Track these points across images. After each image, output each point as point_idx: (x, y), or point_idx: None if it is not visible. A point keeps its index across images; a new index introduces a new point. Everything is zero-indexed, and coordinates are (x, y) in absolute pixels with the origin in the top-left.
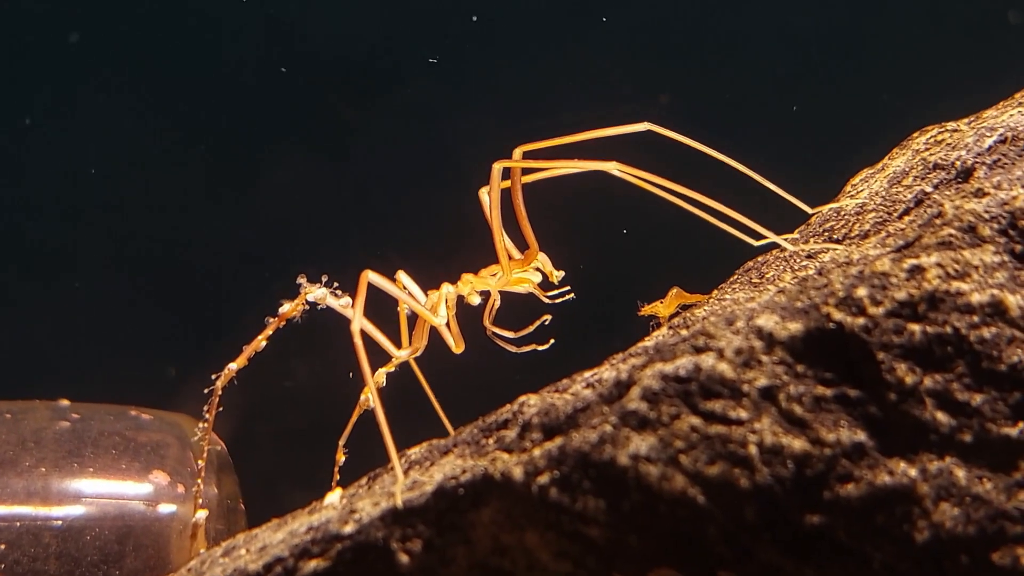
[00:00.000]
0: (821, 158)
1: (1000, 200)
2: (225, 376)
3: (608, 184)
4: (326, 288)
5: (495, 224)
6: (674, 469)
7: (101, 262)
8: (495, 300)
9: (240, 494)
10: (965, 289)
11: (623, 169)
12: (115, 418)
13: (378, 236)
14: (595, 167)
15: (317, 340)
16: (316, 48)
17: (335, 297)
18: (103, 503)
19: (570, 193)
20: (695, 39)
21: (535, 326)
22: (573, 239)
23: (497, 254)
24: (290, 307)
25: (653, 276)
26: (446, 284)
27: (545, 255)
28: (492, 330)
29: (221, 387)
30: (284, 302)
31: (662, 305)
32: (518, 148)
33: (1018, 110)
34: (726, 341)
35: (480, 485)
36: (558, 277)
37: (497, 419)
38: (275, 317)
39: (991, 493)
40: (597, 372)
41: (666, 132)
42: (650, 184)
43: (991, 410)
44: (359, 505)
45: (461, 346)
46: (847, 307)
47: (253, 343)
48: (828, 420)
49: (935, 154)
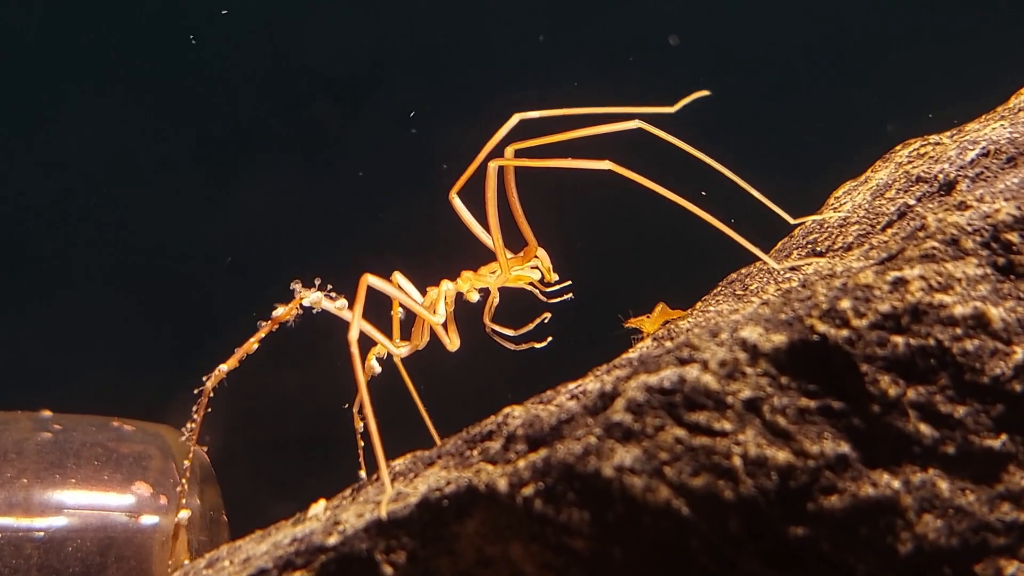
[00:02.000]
0: (804, 170)
1: (983, 213)
2: (215, 377)
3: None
4: (321, 292)
5: (492, 221)
6: (658, 481)
7: (84, 272)
8: (494, 298)
9: (223, 505)
10: (948, 301)
11: (616, 169)
12: (97, 429)
13: (365, 242)
14: (590, 166)
15: (301, 352)
16: (304, 55)
17: (330, 300)
18: (85, 514)
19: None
20: (682, 48)
21: (534, 324)
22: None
23: (495, 251)
24: (284, 311)
25: (639, 283)
26: (445, 281)
27: (545, 252)
28: (491, 327)
29: (211, 388)
30: (278, 305)
31: (648, 320)
32: (509, 147)
33: (1000, 123)
34: (710, 353)
35: (465, 497)
36: (555, 276)
37: (481, 430)
38: (268, 321)
39: (974, 505)
40: (581, 383)
41: (657, 132)
42: (644, 182)
43: (974, 422)
44: (343, 516)
45: (456, 344)
46: (831, 319)
47: (245, 346)
48: (812, 432)
49: (918, 167)
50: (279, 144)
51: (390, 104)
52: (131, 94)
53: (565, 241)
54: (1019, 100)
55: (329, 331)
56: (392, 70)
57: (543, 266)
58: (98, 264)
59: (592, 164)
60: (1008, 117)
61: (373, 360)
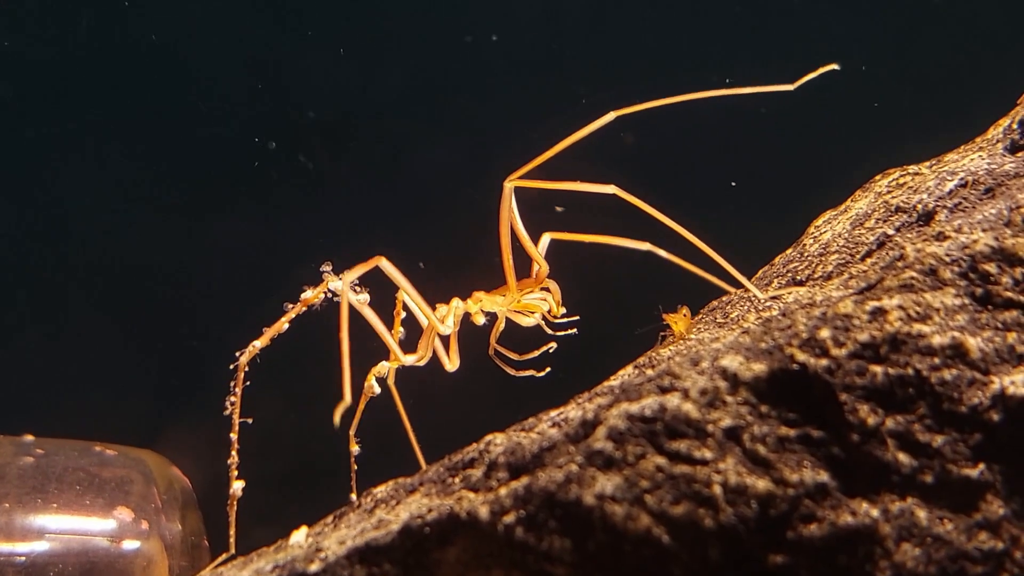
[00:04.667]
0: (784, 199)
1: (961, 244)
2: (249, 353)
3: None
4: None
5: (504, 242)
6: (639, 509)
7: (67, 299)
8: (501, 322)
9: (204, 531)
10: (926, 331)
11: (620, 193)
12: (79, 454)
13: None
14: (595, 189)
15: (284, 378)
16: (293, 93)
17: (354, 292)
18: (67, 539)
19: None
20: (662, 76)
21: (539, 352)
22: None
23: (505, 274)
24: (312, 293)
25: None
26: (456, 299)
27: (556, 284)
28: (496, 348)
29: (245, 363)
30: (307, 288)
31: (680, 319)
32: (507, 180)
33: (978, 154)
34: (691, 381)
35: (446, 524)
36: (562, 310)
37: (463, 458)
38: (297, 303)
39: (952, 534)
40: (563, 411)
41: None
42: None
43: (952, 451)
44: (325, 543)
45: (456, 364)
46: (810, 348)
47: (275, 325)
48: (792, 460)
49: (897, 197)
50: (268, 178)
51: (376, 140)
52: (122, 129)
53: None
54: (997, 131)
55: (311, 358)
56: (378, 107)
57: (553, 298)
58: (82, 290)
59: (598, 188)
60: (986, 148)
61: (372, 380)
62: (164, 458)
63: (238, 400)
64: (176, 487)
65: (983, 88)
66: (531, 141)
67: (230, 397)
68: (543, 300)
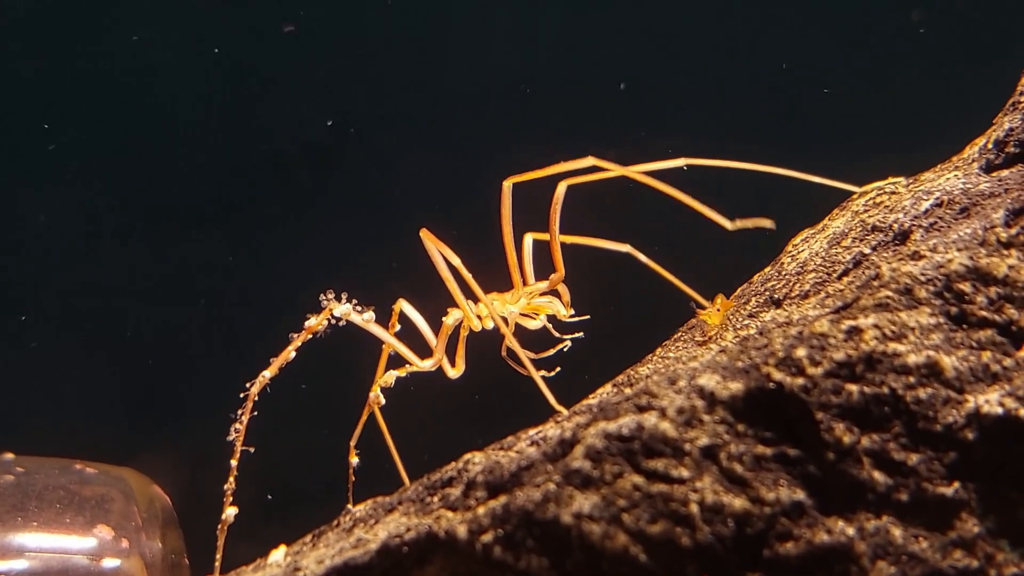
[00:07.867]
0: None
1: (936, 263)
2: (259, 383)
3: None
4: (349, 304)
5: (508, 245)
6: (617, 527)
7: (48, 316)
8: (512, 324)
9: (185, 549)
10: (902, 350)
11: (634, 253)
12: (60, 472)
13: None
14: (611, 247)
15: (264, 398)
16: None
17: (357, 312)
18: (47, 557)
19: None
20: (646, 94)
21: (553, 352)
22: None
23: (511, 275)
24: (315, 321)
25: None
26: (468, 301)
27: (566, 287)
28: (510, 345)
29: (255, 394)
30: (310, 316)
31: (714, 313)
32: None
33: (954, 174)
34: (668, 400)
35: (424, 543)
36: (570, 311)
37: (442, 477)
38: (301, 331)
39: (927, 552)
40: (542, 430)
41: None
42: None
43: (927, 470)
44: (303, 563)
45: (461, 369)
46: (787, 367)
47: (282, 354)
48: (768, 479)
49: (873, 216)
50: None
51: (364, 164)
52: (106, 156)
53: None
54: (973, 151)
55: (294, 377)
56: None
57: (562, 300)
58: (63, 309)
59: (613, 245)
60: (962, 167)
61: (378, 391)
62: (145, 476)
63: (243, 428)
64: (157, 505)
65: (960, 107)
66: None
67: (235, 424)
68: (550, 303)
